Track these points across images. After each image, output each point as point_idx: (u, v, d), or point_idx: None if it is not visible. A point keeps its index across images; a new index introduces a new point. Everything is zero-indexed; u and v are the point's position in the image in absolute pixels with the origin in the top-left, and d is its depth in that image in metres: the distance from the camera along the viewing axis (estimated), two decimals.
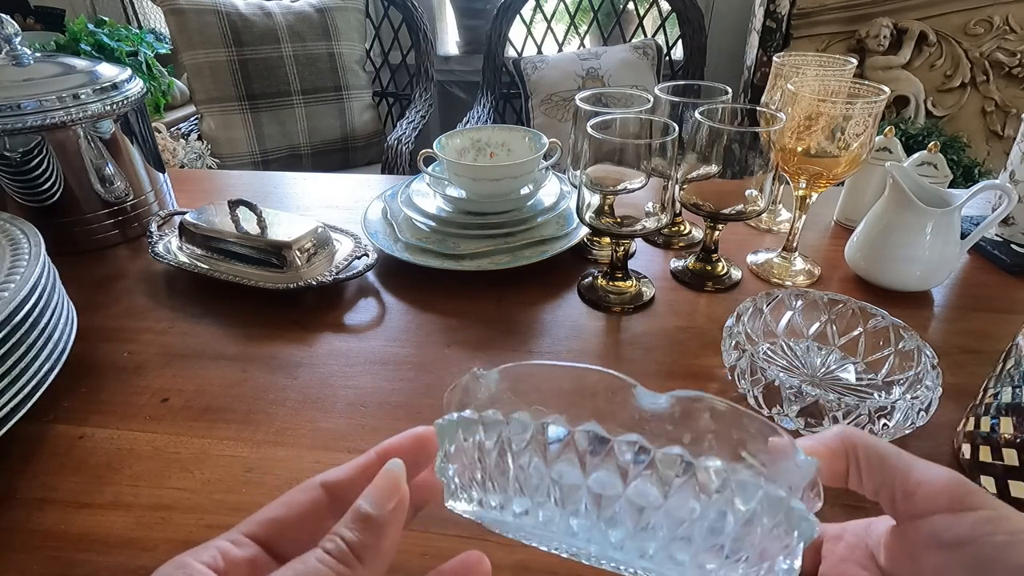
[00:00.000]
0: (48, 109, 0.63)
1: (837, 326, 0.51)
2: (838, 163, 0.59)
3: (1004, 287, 0.64)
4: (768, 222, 0.77)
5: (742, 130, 0.57)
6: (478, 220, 0.67)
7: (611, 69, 1.77)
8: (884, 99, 0.56)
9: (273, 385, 0.51)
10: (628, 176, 0.54)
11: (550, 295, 0.63)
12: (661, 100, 0.64)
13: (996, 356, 0.42)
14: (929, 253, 0.59)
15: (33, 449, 0.45)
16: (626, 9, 1.87)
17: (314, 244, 0.63)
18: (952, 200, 0.58)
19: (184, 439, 0.46)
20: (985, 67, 1.75)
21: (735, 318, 0.49)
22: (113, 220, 0.72)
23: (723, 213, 0.60)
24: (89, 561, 0.37)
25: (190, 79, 1.63)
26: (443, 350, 0.55)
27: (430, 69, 1.86)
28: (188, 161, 1.54)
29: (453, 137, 0.72)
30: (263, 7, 1.64)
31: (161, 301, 0.62)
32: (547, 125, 1.78)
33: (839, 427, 0.26)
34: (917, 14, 1.72)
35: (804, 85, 0.60)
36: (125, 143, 0.71)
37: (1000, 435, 0.39)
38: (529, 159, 0.67)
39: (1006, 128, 1.80)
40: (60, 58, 0.71)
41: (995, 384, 0.41)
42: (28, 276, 0.46)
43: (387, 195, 0.74)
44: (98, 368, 0.53)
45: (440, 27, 2.28)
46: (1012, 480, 0.38)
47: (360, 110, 1.77)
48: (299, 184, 0.92)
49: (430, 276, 0.64)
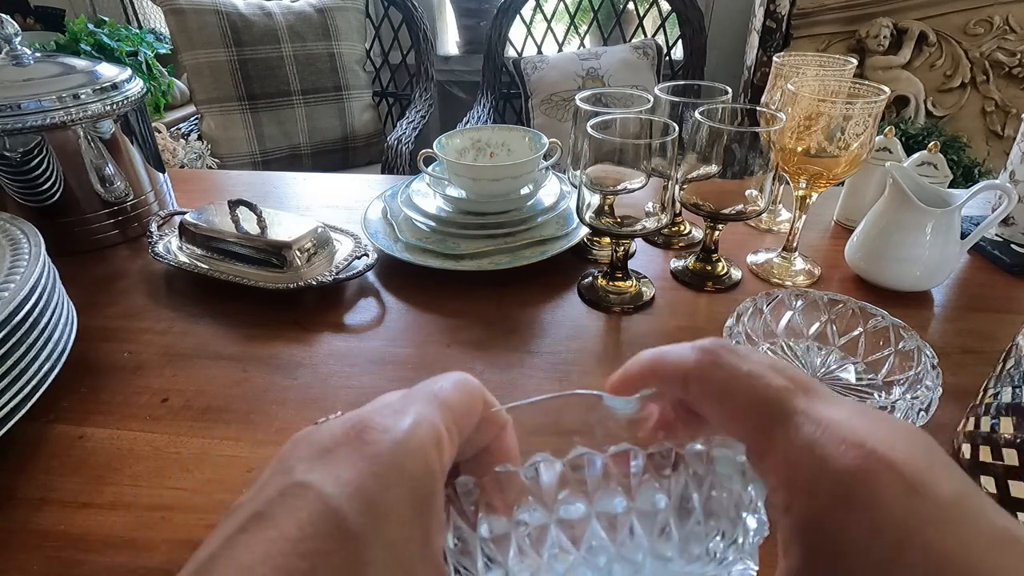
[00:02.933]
0: (48, 109, 0.63)
1: (837, 326, 0.51)
2: (838, 163, 0.59)
3: (1004, 287, 0.64)
4: (768, 222, 0.77)
5: (742, 130, 0.57)
6: (478, 220, 0.67)
7: (611, 69, 1.77)
8: (884, 99, 0.56)
9: (273, 385, 0.51)
10: (628, 176, 0.54)
11: (550, 295, 0.63)
12: (661, 100, 0.64)
13: (996, 356, 0.42)
14: (929, 253, 0.59)
15: (33, 449, 0.45)
16: (626, 9, 1.87)
17: (314, 244, 0.63)
18: (952, 200, 0.58)
19: (184, 439, 0.46)
20: (985, 67, 1.75)
21: (735, 318, 0.49)
22: (113, 220, 0.72)
23: (723, 213, 0.60)
24: (89, 561, 0.37)
25: (190, 79, 1.63)
26: (443, 350, 0.55)
27: (430, 69, 1.86)
28: (188, 161, 1.54)
29: (453, 137, 0.72)
30: (263, 7, 1.64)
31: (161, 301, 0.62)
32: (547, 125, 1.78)
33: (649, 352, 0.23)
34: (917, 14, 1.72)
35: (804, 85, 0.60)
36: (125, 143, 0.71)
37: (1000, 435, 0.39)
38: (529, 159, 0.67)
39: (1006, 128, 1.80)
40: (60, 58, 0.71)
41: (995, 384, 0.41)
42: (28, 276, 0.46)
43: (387, 195, 0.74)
44: (98, 368, 0.53)
45: (440, 27, 2.28)
46: (1012, 480, 0.38)
47: (360, 110, 1.77)
48: (299, 184, 0.92)
49: (430, 276, 0.64)
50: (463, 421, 0.20)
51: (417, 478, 0.17)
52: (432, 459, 0.18)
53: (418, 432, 0.18)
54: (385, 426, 0.18)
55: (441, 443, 0.18)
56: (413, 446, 0.17)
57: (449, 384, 0.21)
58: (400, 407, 0.19)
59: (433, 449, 0.18)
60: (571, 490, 0.19)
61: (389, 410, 0.19)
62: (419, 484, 0.17)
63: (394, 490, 0.17)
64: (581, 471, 0.19)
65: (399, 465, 0.17)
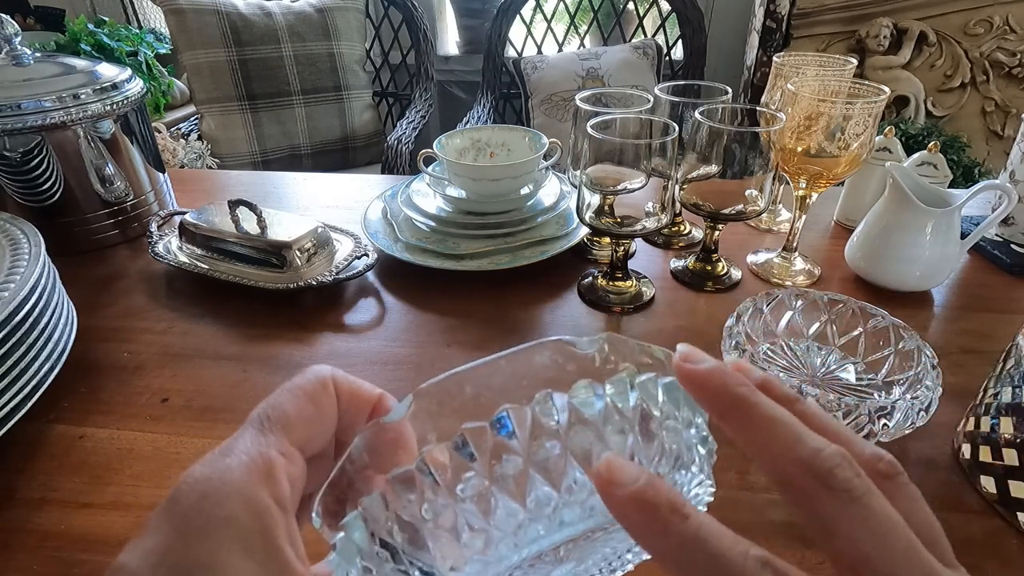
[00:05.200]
0: (48, 109, 0.63)
1: (837, 326, 0.51)
2: (838, 163, 0.59)
3: (1004, 287, 0.64)
4: (768, 222, 0.77)
5: (742, 130, 0.57)
6: (478, 220, 0.67)
7: (611, 69, 1.77)
8: (884, 99, 0.56)
9: (273, 385, 0.50)
10: (628, 176, 0.54)
11: (550, 295, 0.63)
12: (661, 100, 0.64)
13: (996, 356, 0.42)
14: (929, 253, 0.59)
15: (33, 449, 0.45)
16: (626, 9, 1.87)
17: (314, 244, 0.63)
18: (952, 200, 0.58)
19: (184, 439, 0.46)
20: (985, 67, 1.75)
21: (735, 318, 0.49)
22: (113, 220, 0.72)
23: (723, 213, 0.60)
24: (89, 561, 0.37)
25: (190, 79, 1.63)
26: (443, 350, 0.55)
27: (430, 69, 1.86)
28: (188, 161, 1.54)
29: (453, 137, 0.72)
30: (263, 7, 1.64)
31: (161, 301, 0.62)
32: (547, 125, 1.78)
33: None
34: (917, 14, 1.72)
35: (804, 85, 0.60)
36: (125, 143, 0.71)
37: (1000, 435, 0.39)
38: (529, 159, 0.67)
39: (1006, 128, 1.80)
40: (60, 58, 0.71)
41: (995, 384, 0.41)
42: (28, 276, 0.46)
43: (387, 195, 0.74)
44: (98, 368, 0.53)
45: (440, 27, 2.28)
46: (1012, 480, 0.38)
47: (360, 110, 1.77)
48: (299, 184, 0.92)
49: (430, 276, 0.64)
50: (310, 430, 0.20)
51: (238, 519, 0.16)
52: (256, 493, 0.17)
53: (232, 473, 0.17)
54: (196, 477, 0.17)
55: (272, 471, 0.18)
56: (228, 490, 0.17)
57: (285, 396, 0.20)
58: (226, 446, 0.18)
59: (260, 481, 0.17)
60: (498, 451, 0.18)
61: (212, 455, 0.18)
62: (243, 524, 0.17)
63: (207, 543, 0.16)
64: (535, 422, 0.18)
65: (209, 515, 0.16)
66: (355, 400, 0.22)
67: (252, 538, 0.17)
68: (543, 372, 0.20)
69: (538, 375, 0.20)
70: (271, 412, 0.20)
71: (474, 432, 0.17)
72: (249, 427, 0.19)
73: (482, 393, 0.20)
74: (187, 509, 0.16)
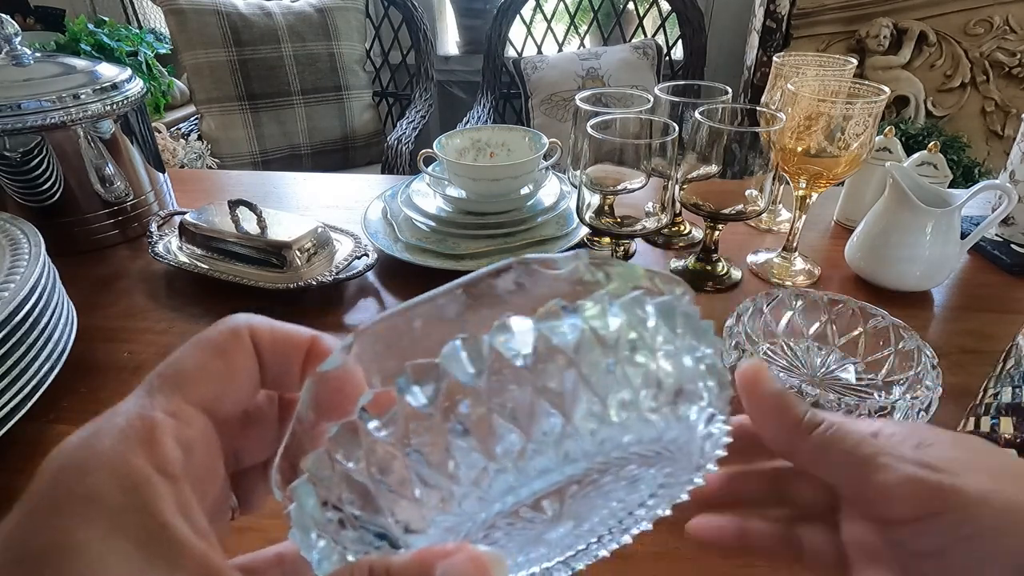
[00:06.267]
0: (48, 109, 0.63)
1: (837, 326, 0.51)
2: (838, 163, 0.59)
3: (1004, 287, 0.64)
4: (768, 222, 0.77)
5: (742, 130, 0.57)
6: (478, 220, 0.67)
7: (611, 69, 1.77)
8: (884, 99, 0.56)
9: None
10: (628, 176, 0.54)
11: None
12: (661, 100, 0.64)
13: (996, 356, 0.42)
14: (929, 253, 0.59)
15: (33, 449, 0.45)
16: (626, 9, 1.87)
17: (314, 244, 0.63)
18: (952, 200, 0.58)
19: None
20: (985, 67, 1.75)
21: (735, 318, 0.49)
22: (113, 220, 0.72)
23: (723, 213, 0.60)
24: None
25: (190, 79, 1.63)
26: None
27: (430, 69, 1.86)
28: (188, 161, 1.54)
29: (453, 137, 0.72)
30: (263, 7, 1.64)
31: (161, 301, 0.62)
32: (547, 125, 1.78)
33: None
34: (917, 14, 1.72)
35: (804, 85, 0.60)
36: (125, 143, 0.71)
37: (1000, 435, 0.39)
38: (529, 159, 0.67)
39: (1006, 128, 1.80)
40: (60, 58, 0.71)
41: (995, 384, 0.41)
42: (28, 276, 0.46)
43: (387, 195, 0.74)
44: (98, 368, 0.53)
45: (440, 27, 2.28)
46: None
47: (360, 110, 1.77)
48: (299, 184, 0.92)
49: (430, 276, 0.64)
50: (217, 386, 0.18)
51: (101, 495, 0.14)
52: (127, 462, 0.15)
53: (100, 442, 0.15)
54: (60, 449, 0.15)
55: (152, 435, 0.16)
56: (92, 463, 0.15)
57: (187, 351, 0.19)
58: (108, 411, 0.17)
59: (136, 448, 0.15)
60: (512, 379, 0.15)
61: (91, 423, 0.16)
62: (110, 500, 0.14)
63: (60, 522, 0.14)
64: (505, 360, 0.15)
65: (67, 492, 0.15)
66: (282, 347, 0.20)
67: (123, 515, 0.14)
68: (508, 299, 0.17)
69: (502, 302, 0.17)
70: (164, 369, 0.18)
71: (421, 369, 0.15)
72: (138, 389, 0.17)
73: (434, 328, 0.16)
74: (42, 486, 0.15)
